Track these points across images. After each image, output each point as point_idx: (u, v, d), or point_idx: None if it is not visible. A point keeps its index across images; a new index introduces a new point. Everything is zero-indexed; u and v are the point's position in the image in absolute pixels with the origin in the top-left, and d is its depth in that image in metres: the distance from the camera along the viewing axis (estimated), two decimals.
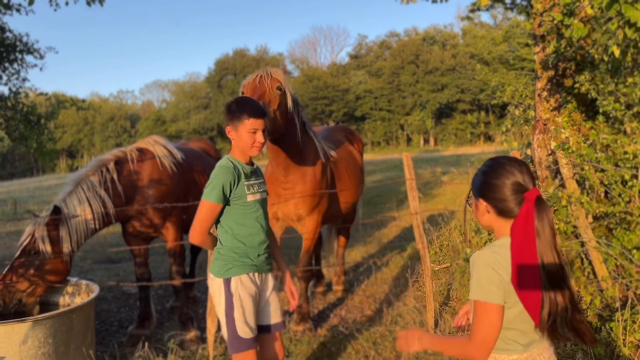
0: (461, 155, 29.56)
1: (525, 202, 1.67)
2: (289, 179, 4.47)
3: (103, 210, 4.04)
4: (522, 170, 1.71)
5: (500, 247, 1.71)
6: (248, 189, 2.64)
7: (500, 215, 1.73)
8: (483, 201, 1.75)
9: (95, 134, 62.25)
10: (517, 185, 1.70)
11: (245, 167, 2.65)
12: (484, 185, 1.75)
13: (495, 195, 1.72)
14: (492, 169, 1.75)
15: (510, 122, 7.06)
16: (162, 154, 4.59)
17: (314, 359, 3.95)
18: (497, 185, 1.71)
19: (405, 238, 8.49)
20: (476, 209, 1.80)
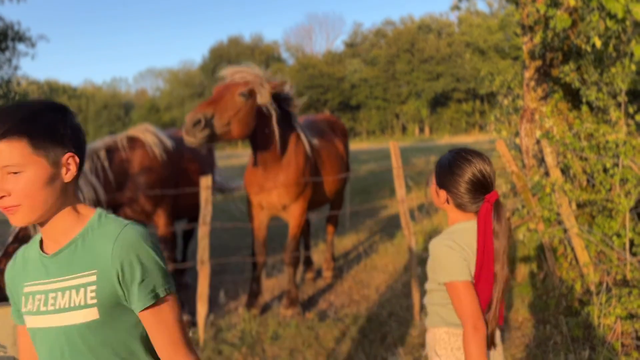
0: (456, 144, 29.65)
1: (485, 202, 1.77)
2: (268, 171, 4.57)
3: (94, 197, 4.12)
4: (486, 169, 1.79)
5: (455, 232, 1.81)
6: (26, 301, 1.31)
7: (458, 208, 1.83)
8: (444, 191, 1.83)
9: (88, 122, 61.96)
10: (479, 185, 1.78)
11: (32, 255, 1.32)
12: (448, 178, 1.82)
13: (456, 190, 1.80)
14: (457, 164, 1.81)
15: (500, 111, 7.14)
16: (152, 142, 4.66)
17: (302, 343, 4.06)
18: (460, 182, 1.79)
19: (396, 226, 8.60)
20: (436, 194, 1.89)
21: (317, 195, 5.07)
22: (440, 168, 1.86)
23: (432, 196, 1.91)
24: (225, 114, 3.99)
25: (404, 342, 3.97)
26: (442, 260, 1.76)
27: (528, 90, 6.21)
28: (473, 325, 1.68)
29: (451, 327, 1.81)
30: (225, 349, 3.93)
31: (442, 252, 1.77)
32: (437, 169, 1.89)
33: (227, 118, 3.99)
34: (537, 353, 3.69)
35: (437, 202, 1.91)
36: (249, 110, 4.14)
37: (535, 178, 5.16)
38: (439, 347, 1.82)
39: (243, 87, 4.10)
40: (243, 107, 4.09)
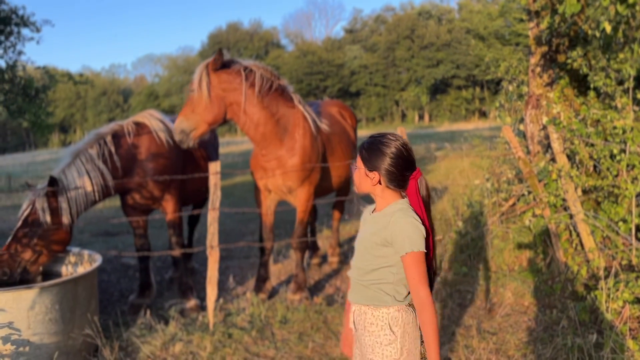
0: (455, 131, 29.62)
1: (412, 179, 1.93)
2: (271, 151, 4.59)
3: (102, 182, 4.12)
4: (410, 146, 1.96)
5: (408, 208, 1.91)
6: None
7: (389, 186, 1.93)
8: (376, 172, 1.92)
9: (87, 108, 61.70)
10: (407, 162, 1.93)
11: None
12: (380, 158, 1.91)
13: (388, 167, 1.91)
14: (386, 143, 1.92)
15: (504, 98, 7.13)
16: (158, 128, 4.65)
17: (310, 326, 4.10)
18: (392, 159, 1.91)
19: None
20: (366, 177, 1.95)
21: (325, 181, 5.07)
22: (369, 151, 1.94)
23: (360, 182, 1.97)
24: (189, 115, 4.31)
25: None
26: (410, 231, 1.84)
27: (533, 76, 6.19)
28: (428, 293, 1.83)
29: (401, 304, 1.91)
30: (235, 332, 3.97)
31: (411, 224, 1.85)
32: (364, 153, 1.96)
33: (192, 117, 4.31)
34: (544, 337, 3.73)
35: (366, 187, 1.97)
36: (200, 99, 4.33)
37: (541, 164, 5.17)
38: (395, 325, 1.90)
39: (192, 83, 4.37)
40: (198, 100, 4.32)
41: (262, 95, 4.44)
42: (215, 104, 4.33)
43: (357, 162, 1.97)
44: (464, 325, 4.04)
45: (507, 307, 4.32)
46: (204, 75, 4.29)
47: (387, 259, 1.89)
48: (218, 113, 4.36)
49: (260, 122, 4.45)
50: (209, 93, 4.28)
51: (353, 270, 2.02)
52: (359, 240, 2.01)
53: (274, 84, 4.55)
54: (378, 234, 1.90)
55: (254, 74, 4.43)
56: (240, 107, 4.39)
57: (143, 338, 3.85)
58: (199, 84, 4.28)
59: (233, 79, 4.36)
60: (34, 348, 3.19)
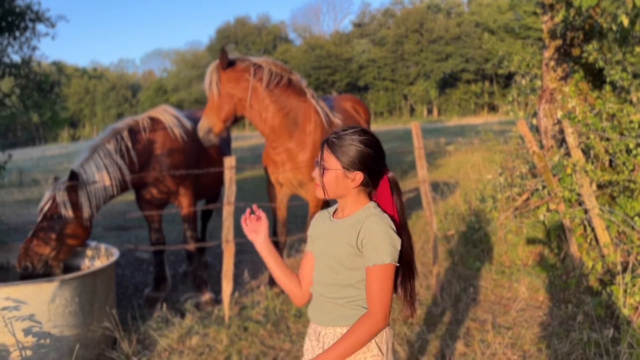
0: (465, 125, 29.49)
1: (385, 177, 1.74)
2: (282, 144, 4.64)
3: (120, 177, 4.18)
4: None
5: (382, 213, 1.70)
6: None
7: (365, 186, 1.73)
8: (361, 172, 1.70)
9: (96, 103, 61.98)
10: (384, 158, 1.76)
11: None
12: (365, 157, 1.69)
13: (373, 166, 1.71)
14: (374, 144, 1.72)
15: (517, 92, 7.10)
16: (172, 123, 4.70)
17: None
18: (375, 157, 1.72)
19: (409, 206, 8.61)
20: (344, 178, 1.70)
21: None
22: (348, 148, 1.69)
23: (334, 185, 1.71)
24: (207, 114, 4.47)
25: (426, 320, 4.02)
26: (382, 241, 1.63)
27: (547, 70, 6.15)
28: (385, 315, 1.62)
29: (349, 326, 1.68)
30: (250, 326, 4.00)
31: (386, 233, 1.64)
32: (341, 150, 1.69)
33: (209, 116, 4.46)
34: (559, 331, 3.73)
35: (344, 190, 1.72)
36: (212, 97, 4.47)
37: (554, 159, 5.15)
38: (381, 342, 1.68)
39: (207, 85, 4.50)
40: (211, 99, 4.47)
41: (270, 90, 4.48)
42: (225, 101, 4.44)
43: (328, 163, 1.70)
44: (478, 319, 4.04)
45: (521, 301, 4.32)
46: (214, 74, 4.42)
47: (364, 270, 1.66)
48: (229, 110, 4.47)
49: (268, 116, 4.50)
50: (219, 91, 4.41)
51: (318, 287, 1.76)
52: (323, 252, 1.74)
53: (284, 78, 4.58)
54: (352, 242, 1.67)
55: (262, 69, 4.48)
56: (247, 102, 4.47)
57: (160, 331, 3.89)
58: (209, 83, 4.42)
59: (240, 75, 4.46)
60: (55, 340, 3.24)
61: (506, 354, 3.49)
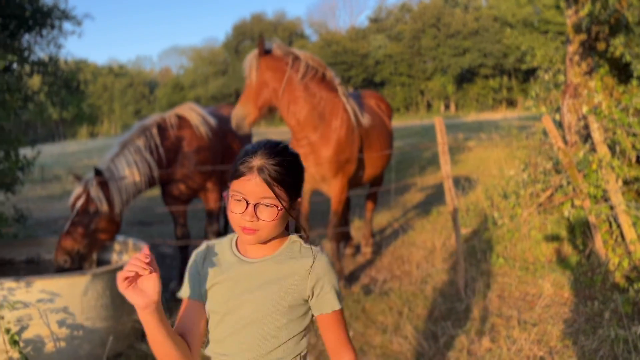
0: (483, 121, 29.22)
1: None
2: (307, 139, 4.65)
3: (149, 173, 4.26)
4: None
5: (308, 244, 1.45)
6: None
7: None
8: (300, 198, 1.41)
9: (114, 100, 62.67)
10: None
11: None
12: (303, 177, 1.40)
13: None
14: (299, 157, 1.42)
15: (540, 87, 7.03)
16: (198, 121, 4.77)
17: (349, 315, 4.14)
18: None
19: (429, 203, 8.60)
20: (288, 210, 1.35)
21: (361, 173, 5.10)
22: (296, 172, 1.36)
23: (279, 223, 1.34)
24: (243, 101, 4.47)
25: (451, 316, 4.03)
26: (335, 281, 1.39)
27: (571, 64, 6.08)
28: (355, 350, 1.45)
29: None
30: None
31: (333, 270, 1.40)
32: (292, 180, 1.34)
33: (245, 103, 4.46)
34: (586, 328, 3.71)
35: (282, 224, 1.36)
36: (250, 85, 4.48)
37: (579, 155, 5.10)
38: None
39: (246, 71, 4.52)
40: (248, 87, 4.48)
41: (304, 83, 4.51)
42: (262, 89, 4.46)
43: (282, 199, 1.30)
44: (503, 315, 4.04)
45: (546, 298, 4.30)
46: (254, 61, 4.42)
47: (304, 321, 1.40)
48: (265, 99, 4.48)
49: (297, 109, 4.53)
50: (257, 79, 4.41)
51: (232, 353, 1.36)
52: (238, 305, 1.35)
53: (319, 72, 4.61)
54: (289, 289, 1.34)
55: (300, 61, 4.52)
56: (280, 92, 4.47)
57: None
58: (249, 70, 4.42)
59: (278, 64, 4.49)
60: (87, 332, 3.31)
61: (532, 350, 3.48)
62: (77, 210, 3.88)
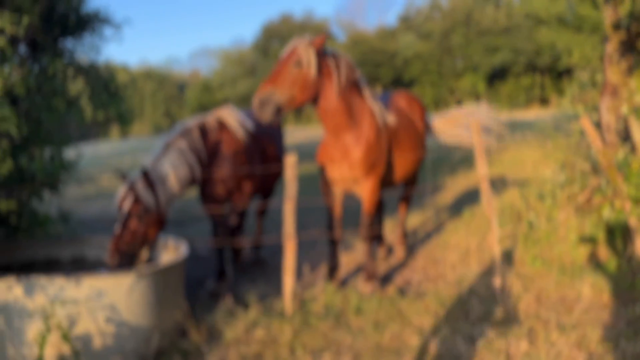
0: (515, 120, 28.71)
1: None
2: (339, 140, 4.67)
3: (191, 174, 4.38)
4: None
5: None
6: None
7: None
8: None
9: (145, 101, 63.83)
10: None
11: None
12: None
13: None
14: None
15: (577, 86, 6.91)
16: (236, 124, 4.88)
17: (385, 316, 4.17)
18: None
19: (461, 203, 8.54)
20: None
21: (391, 174, 5.11)
22: None
23: None
24: (285, 87, 4.27)
25: (488, 319, 4.01)
26: None
27: (610, 63, 5.97)
28: None
29: None
30: (312, 319, 4.10)
31: None
32: None
33: (287, 90, 4.28)
34: (627, 332, 3.65)
35: None
36: (305, 76, 4.35)
37: (619, 156, 5.00)
38: None
39: (295, 58, 4.33)
40: (299, 76, 4.32)
41: (344, 84, 4.54)
42: (316, 84, 4.40)
43: None
44: (541, 318, 4.00)
45: (585, 301, 4.24)
46: (313, 53, 4.34)
47: None
48: (312, 94, 4.43)
49: (337, 111, 4.53)
50: (314, 74, 4.33)
51: None
52: None
53: (353, 74, 4.65)
54: None
55: (341, 61, 4.55)
56: (328, 91, 4.48)
57: (226, 323, 4.04)
58: (309, 61, 4.32)
59: (329, 63, 4.49)
60: (132, 329, 3.43)
61: (572, 353, 3.45)
62: (125, 210, 4.01)
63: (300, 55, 4.32)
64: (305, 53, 4.32)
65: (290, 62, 4.32)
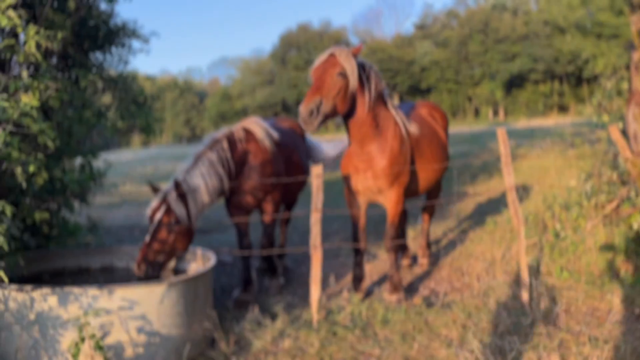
0: (535, 127, 28.46)
1: None
2: (364, 151, 4.65)
3: (220, 184, 4.44)
4: None
5: None
6: None
7: None
8: None
9: (165, 110, 64.58)
10: None
11: None
12: None
13: None
14: None
15: (602, 95, 6.83)
16: (263, 135, 4.93)
17: (412, 327, 4.15)
18: None
19: (483, 212, 8.47)
20: None
21: (414, 184, 5.10)
22: None
23: None
24: (330, 96, 4.26)
25: (517, 331, 3.97)
26: None
27: (637, 72, 5.90)
28: None
29: None
30: (339, 330, 4.09)
31: None
32: None
33: (332, 100, 4.27)
34: None
35: None
36: (345, 90, 4.34)
37: None
38: None
39: (338, 68, 4.30)
40: (343, 86, 4.31)
41: (374, 95, 4.55)
42: (353, 94, 4.40)
43: None
44: (572, 331, 3.94)
45: (616, 314, 4.17)
46: (355, 63, 4.33)
47: None
48: (350, 104, 4.43)
49: (366, 121, 4.53)
50: (355, 84, 4.33)
51: None
52: None
53: (381, 84, 4.67)
54: None
55: (372, 72, 4.57)
56: (360, 102, 4.48)
57: (253, 333, 4.06)
58: (352, 71, 4.30)
59: (360, 73, 4.47)
60: (163, 339, 3.46)
61: None
62: (157, 221, 4.07)
63: (344, 65, 4.29)
64: (348, 63, 4.29)
65: (334, 71, 4.28)
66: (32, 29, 3.36)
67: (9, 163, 3.24)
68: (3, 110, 2.90)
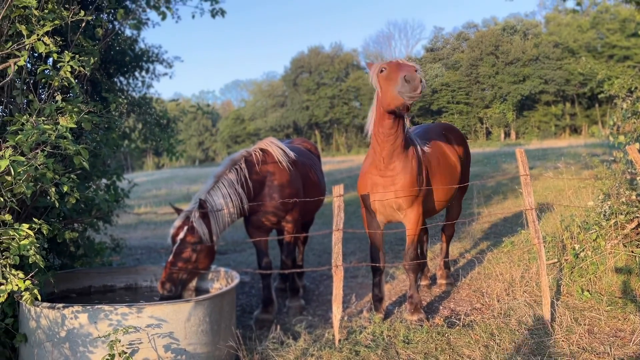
0: (547, 149, 28.34)
1: None
2: (391, 167, 4.66)
3: (240, 204, 4.51)
4: None
5: None
6: None
7: None
8: None
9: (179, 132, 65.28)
10: None
11: None
12: None
13: None
14: None
15: (618, 116, 6.87)
16: (280, 155, 5.01)
17: (434, 348, 4.15)
18: None
19: (499, 233, 8.45)
20: None
21: (428, 204, 5.14)
22: None
23: None
24: None
25: (540, 351, 3.96)
26: None
27: None
28: None
29: None
30: (361, 350, 4.11)
31: None
32: None
33: None
34: None
35: None
36: None
37: None
38: None
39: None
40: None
41: None
42: None
43: None
44: (596, 352, 3.93)
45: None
46: None
47: None
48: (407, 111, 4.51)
49: (392, 139, 4.56)
50: None
51: None
52: None
53: None
54: None
55: None
56: (398, 118, 4.55)
57: (277, 352, 4.09)
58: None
59: None
60: (189, 357, 3.51)
61: None
62: (180, 240, 4.15)
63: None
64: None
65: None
66: (67, 55, 3.51)
67: (43, 183, 3.35)
68: (43, 133, 3.02)
